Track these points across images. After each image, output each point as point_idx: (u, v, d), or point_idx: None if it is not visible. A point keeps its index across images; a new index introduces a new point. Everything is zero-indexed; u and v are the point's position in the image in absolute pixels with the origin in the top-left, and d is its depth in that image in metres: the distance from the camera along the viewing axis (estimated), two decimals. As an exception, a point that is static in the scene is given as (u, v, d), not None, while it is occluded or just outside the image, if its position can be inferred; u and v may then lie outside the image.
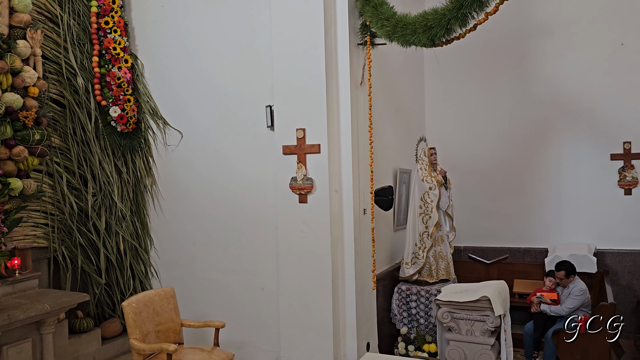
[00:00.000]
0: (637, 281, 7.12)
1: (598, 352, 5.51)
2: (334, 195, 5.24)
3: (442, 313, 4.32)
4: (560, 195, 7.53)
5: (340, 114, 5.27)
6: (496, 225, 7.88)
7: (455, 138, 8.00)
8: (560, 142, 7.51)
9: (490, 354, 4.17)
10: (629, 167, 7.18)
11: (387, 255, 6.53)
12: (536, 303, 6.04)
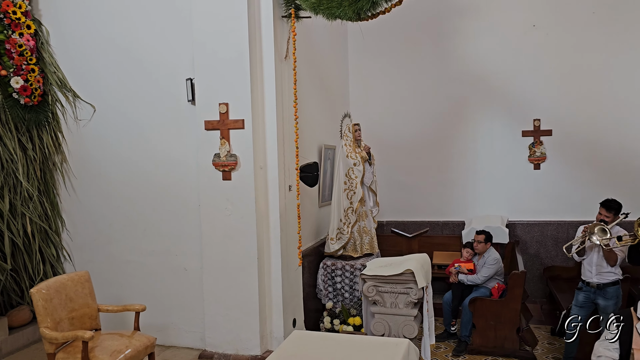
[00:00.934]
0: (544, 250, 7.63)
1: (509, 317, 5.87)
2: (259, 171, 5.14)
3: (368, 287, 4.38)
4: (476, 170, 7.88)
5: (264, 88, 5.14)
6: (417, 200, 8.12)
7: (378, 114, 8.10)
8: (476, 119, 7.81)
9: (413, 324, 4.30)
10: (538, 143, 7.61)
11: (312, 231, 6.54)
12: (454, 273, 6.31)
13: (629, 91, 7.18)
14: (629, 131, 7.20)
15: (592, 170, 7.36)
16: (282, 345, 3.11)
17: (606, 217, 5.08)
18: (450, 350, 6.09)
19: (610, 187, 6.96)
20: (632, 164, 7.20)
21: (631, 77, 7.17)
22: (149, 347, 4.43)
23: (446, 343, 6.30)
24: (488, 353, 5.91)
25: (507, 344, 5.88)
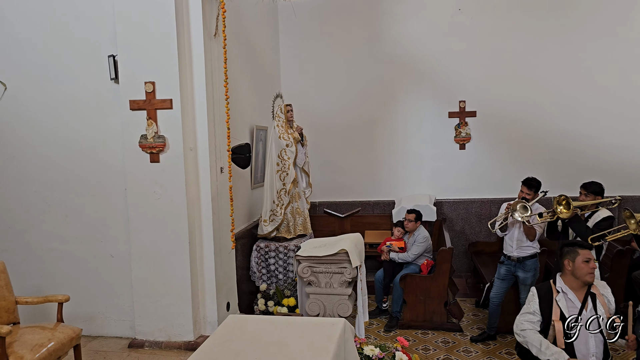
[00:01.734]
0: (469, 227, 7.98)
1: (438, 292, 6.11)
2: (189, 153, 4.97)
3: (302, 268, 4.38)
4: (406, 151, 8.07)
5: (193, 66, 4.95)
6: (349, 180, 8.22)
7: (310, 95, 8.07)
8: (405, 100, 7.97)
9: (347, 303, 4.36)
10: (463, 124, 7.90)
11: (245, 213, 6.46)
12: (386, 252, 6.47)
13: (548, 74, 7.58)
14: (548, 112, 7.62)
15: (513, 150, 7.75)
16: (217, 331, 3.04)
17: (527, 195, 5.37)
18: (382, 326, 6.26)
19: (530, 166, 7.36)
20: (550, 144, 7.64)
21: (551, 60, 7.56)
22: (74, 338, 4.22)
23: (378, 319, 6.47)
24: (418, 327, 6.14)
25: (435, 317, 6.12)
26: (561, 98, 7.58)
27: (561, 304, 3.38)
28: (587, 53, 7.47)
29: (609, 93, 7.48)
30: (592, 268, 3.35)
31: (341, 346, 2.85)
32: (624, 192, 7.42)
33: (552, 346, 3.26)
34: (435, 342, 5.80)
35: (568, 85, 7.56)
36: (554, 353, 3.22)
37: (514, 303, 5.73)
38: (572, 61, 7.52)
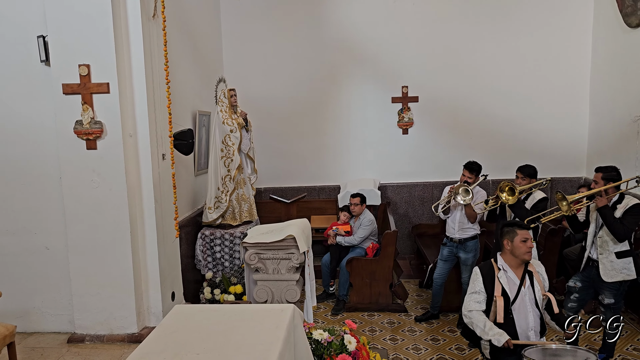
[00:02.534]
0: (412, 210, 8.17)
1: (383, 274, 6.23)
2: (128, 139, 4.78)
3: (250, 255, 4.35)
4: (350, 136, 8.12)
5: (131, 49, 4.74)
6: (294, 166, 8.19)
7: (254, 80, 7.94)
8: (350, 85, 8.00)
9: (295, 288, 4.37)
10: (406, 109, 8.02)
11: (189, 201, 6.31)
12: (332, 236, 6.52)
13: (485, 60, 7.80)
14: (485, 98, 7.86)
15: (454, 134, 7.96)
16: (163, 322, 2.96)
17: (469, 179, 5.54)
18: (329, 309, 6.33)
19: (470, 149, 7.59)
20: (487, 128, 7.89)
21: (487, 47, 7.78)
22: (7, 336, 4.00)
23: (325, 303, 6.53)
24: (364, 309, 6.24)
25: (381, 299, 6.25)
26: (497, 84, 7.83)
27: (502, 281, 3.53)
28: (520, 41, 7.73)
29: (541, 79, 7.79)
30: (529, 247, 3.50)
31: (291, 332, 2.85)
32: (554, 174, 7.80)
33: (495, 327, 3.40)
34: (381, 323, 5.92)
35: (503, 71, 7.81)
36: (496, 334, 3.36)
37: (456, 283, 5.93)
38: (507, 48, 7.77)
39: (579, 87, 7.77)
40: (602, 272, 4.38)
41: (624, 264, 4.35)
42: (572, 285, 4.60)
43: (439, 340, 5.48)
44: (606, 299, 4.41)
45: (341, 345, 3.56)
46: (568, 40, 7.69)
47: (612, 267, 4.36)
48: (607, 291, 4.40)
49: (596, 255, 4.42)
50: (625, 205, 4.34)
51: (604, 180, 4.39)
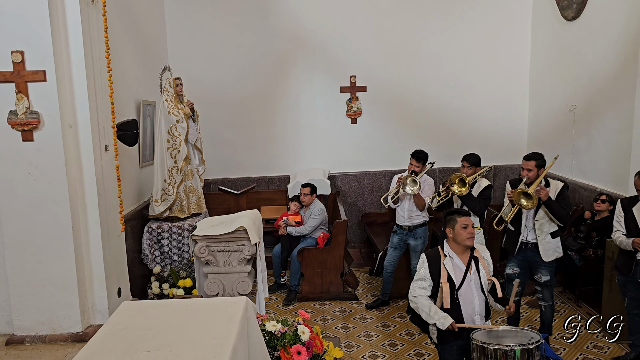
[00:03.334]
0: (361, 199, 8.25)
1: (334, 263, 6.28)
2: (68, 130, 4.56)
3: (199, 248, 4.26)
4: (300, 125, 8.09)
5: (69, 35, 4.50)
6: (243, 156, 8.09)
7: (201, 68, 7.76)
8: (298, 75, 7.96)
9: (247, 280, 4.32)
10: (354, 99, 8.07)
11: (134, 193, 6.11)
12: (283, 226, 6.49)
13: (431, 51, 7.95)
14: (431, 87, 8.02)
15: (401, 124, 8.08)
16: (110, 320, 2.86)
17: (416, 167, 5.64)
18: (281, 300, 6.32)
19: (417, 138, 7.72)
20: (434, 117, 8.07)
21: (433, 38, 7.93)
22: (-62, 341, 3.74)
23: (277, 294, 6.51)
24: (316, 299, 6.27)
25: (332, 288, 6.30)
26: (443, 74, 8.01)
27: (448, 267, 3.61)
28: (465, 32, 7.92)
29: (484, 70, 8.02)
30: (469, 233, 3.58)
31: (244, 325, 2.81)
32: (497, 162, 8.09)
33: (440, 311, 3.48)
34: (332, 312, 5.97)
35: (449, 62, 7.99)
36: (441, 317, 3.44)
37: (405, 270, 6.05)
38: (452, 39, 7.94)
39: (519, 77, 8.07)
40: (543, 253, 4.62)
41: (556, 244, 4.67)
42: (511, 273, 4.80)
43: (390, 326, 5.58)
44: (543, 277, 4.68)
45: (295, 336, 3.56)
46: (509, 32, 7.95)
47: (549, 248, 4.64)
48: (544, 269, 4.67)
49: (533, 238, 4.65)
50: (555, 189, 4.63)
51: (537, 168, 4.59)
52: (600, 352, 4.91)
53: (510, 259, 4.84)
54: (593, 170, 6.37)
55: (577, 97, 6.69)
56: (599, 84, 6.23)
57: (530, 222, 4.66)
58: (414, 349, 5.07)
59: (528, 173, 4.58)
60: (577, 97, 6.70)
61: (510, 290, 4.78)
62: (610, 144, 6.10)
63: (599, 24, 6.21)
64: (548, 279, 4.71)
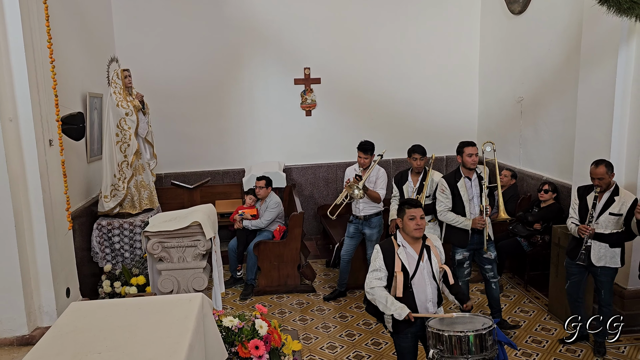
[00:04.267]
0: (317, 191, 8.26)
1: (291, 256, 6.27)
2: (9, 124, 4.32)
3: (152, 244, 4.14)
4: (254, 118, 8.00)
5: (7, 24, 4.25)
6: (196, 150, 7.93)
7: (150, 59, 7.53)
8: (252, 67, 7.86)
9: (202, 276, 4.24)
10: (309, 91, 8.05)
11: (82, 190, 5.89)
12: (239, 220, 6.42)
13: (383, 43, 8.01)
14: (384, 80, 8.09)
15: (355, 116, 8.12)
16: (58, 321, 2.74)
17: (364, 159, 5.69)
18: (238, 295, 6.26)
19: (371, 130, 7.77)
20: (389, 109, 8.14)
21: (385, 30, 7.98)
22: None
23: (233, 289, 6.45)
24: (273, 292, 6.25)
25: (289, 281, 6.29)
26: (396, 66, 8.09)
27: (402, 257, 3.66)
28: (417, 25, 8.03)
29: (435, 62, 8.16)
30: (417, 224, 3.64)
31: (200, 322, 2.76)
32: (449, 152, 8.26)
33: (396, 302, 3.53)
34: (290, 305, 5.96)
35: (402, 54, 8.08)
36: (397, 308, 3.49)
37: (361, 260, 6.11)
38: (404, 32, 8.03)
39: (470, 70, 8.25)
40: (491, 233, 4.96)
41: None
42: (461, 258, 4.98)
43: (347, 317, 5.63)
44: (492, 254, 4.99)
45: (252, 331, 3.52)
46: (459, 26, 8.11)
47: (492, 229, 4.98)
48: (491, 246, 5.00)
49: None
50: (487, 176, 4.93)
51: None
52: (548, 334, 5.12)
53: (457, 247, 5.03)
54: (539, 159, 6.60)
55: (524, 89, 6.91)
56: (545, 76, 6.45)
57: (476, 209, 4.89)
58: (372, 339, 5.14)
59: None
60: (524, 89, 6.92)
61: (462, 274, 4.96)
62: (555, 134, 6.33)
63: (543, 18, 6.42)
64: (496, 254, 5.04)
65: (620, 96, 4.94)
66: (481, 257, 5.00)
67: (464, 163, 4.92)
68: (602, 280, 4.56)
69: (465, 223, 4.86)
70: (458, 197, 4.89)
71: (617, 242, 4.46)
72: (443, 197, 4.96)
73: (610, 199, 4.48)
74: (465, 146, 4.93)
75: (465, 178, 4.92)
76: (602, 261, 4.48)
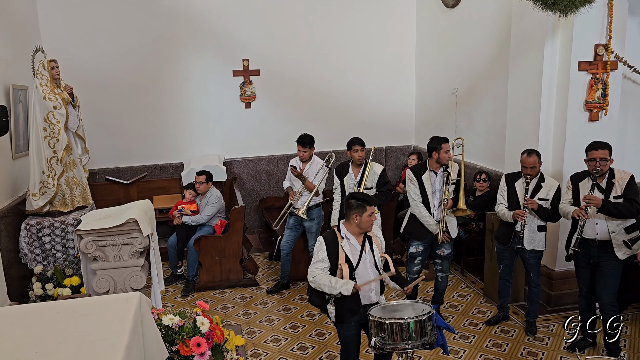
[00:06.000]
0: (258, 184, 8.19)
1: (233, 250, 6.19)
2: None
3: (86, 243, 3.96)
4: (192, 111, 7.81)
5: None
6: (132, 144, 7.65)
7: (80, 50, 7.17)
8: (188, 58, 7.65)
9: (140, 274, 4.11)
10: (248, 83, 7.94)
11: (7, 188, 5.55)
12: (178, 216, 6.27)
13: (322, 35, 8.01)
14: (325, 71, 8.09)
15: (295, 108, 8.09)
16: (-18, 329, 2.57)
17: (304, 152, 5.71)
18: (179, 292, 6.13)
19: (311, 122, 7.79)
20: (328, 101, 8.15)
21: (323, 22, 7.98)
22: None
23: (174, 286, 6.31)
24: (215, 287, 6.16)
25: (232, 275, 6.22)
26: (335, 58, 8.11)
27: (346, 249, 3.69)
28: (355, 17, 8.06)
29: (373, 55, 8.24)
30: (373, 220, 3.71)
31: (138, 322, 2.67)
32: (388, 144, 8.43)
33: (340, 280, 3.56)
34: (233, 300, 5.90)
35: (340, 46, 8.11)
36: (343, 284, 3.52)
37: (303, 252, 6.13)
38: (342, 24, 8.05)
39: (407, 62, 8.40)
40: (452, 231, 5.00)
41: (457, 221, 5.10)
42: (415, 252, 5.06)
43: (291, 309, 5.64)
44: (446, 251, 5.06)
45: (194, 328, 3.45)
46: (396, 19, 8.23)
47: (452, 225, 5.02)
48: (447, 245, 5.04)
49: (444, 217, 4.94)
50: (456, 172, 4.99)
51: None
52: (483, 316, 5.34)
53: (413, 239, 5.10)
54: (474, 148, 6.84)
55: (459, 81, 7.12)
56: (478, 69, 6.68)
57: (437, 202, 4.95)
58: (315, 330, 5.17)
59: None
60: (458, 81, 7.13)
61: (411, 269, 5.07)
62: (488, 124, 6.57)
63: (475, 12, 6.63)
64: (450, 252, 5.10)
65: (547, 87, 5.20)
66: (435, 252, 5.11)
67: (440, 159, 4.87)
68: (531, 262, 4.81)
69: (432, 228, 4.92)
70: (422, 189, 4.94)
71: (551, 218, 4.69)
72: (412, 187, 4.98)
73: (537, 186, 4.71)
74: (443, 142, 4.85)
75: (431, 172, 4.95)
76: (531, 245, 4.72)
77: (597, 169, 4.19)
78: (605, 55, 5.03)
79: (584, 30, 4.95)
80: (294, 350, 4.80)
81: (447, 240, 4.93)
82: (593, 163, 4.22)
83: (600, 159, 4.18)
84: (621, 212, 4.15)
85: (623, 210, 4.15)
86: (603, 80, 5.08)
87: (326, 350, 4.78)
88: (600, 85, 5.07)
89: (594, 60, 5.04)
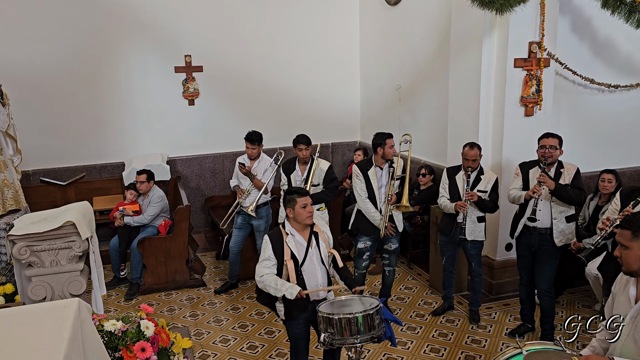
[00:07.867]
0: (204, 182, 8.04)
1: (179, 251, 6.06)
2: None
3: (19, 249, 3.75)
4: (133, 108, 7.56)
5: None
6: (68, 143, 7.32)
7: (7, 44, 6.78)
8: (128, 54, 7.39)
9: (80, 279, 3.93)
10: (191, 79, 7.76)
11: None
12: (119, 217, 6.06)
13: (267, 31, 7.92)
14: (270, 67, 8.02)
15: (240, 105, 7.99)
16: None
17: (252, 149, 5.66)
18: (122, 295, 5.93)
19: (256, 119, 7.69)
20: (274, 98, 8.09)
21: (270, 17, 7.90)
22: None
23: (117, 289, 6.10)
24: (161, 289, 6.01)
25: (178, 276, 6.09)
26: (280, 55, 8.06)
27: (291, 245, 3.69)
28: (299, 14, 8.03)
29: (318, 51, 8.25)
30: (309, 212, 3.70)
31: (77, 329, 2.55)
32: (334, 140, 8.47)
33: (286, 283, 3.57)
34: (180, 301, 5.77)
35: (285, 42, 8.06)
36: (288, 288, 3.52)
37: (252, 251, 6.08)
38: (287, 20, 8.00)
39: (351, 58, 8.47)
40: (398, 225, 5.07)
41: (402, 215, 5.18)
42: (362, 247, 5.10)
43: (240, 308, 5.58)
44: (393, 246, 5.13)
45: (138, 332, 3.34)
46: (340, 15, 8.26)
47: (399, 219, 5.10)
48: (394, 239, 5.12)
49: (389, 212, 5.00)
50: (401, 167, 5.09)
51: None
52: (429, 307, 5.47)
53: (360, 235, 5.13)
54: (418, 143, 6.96)
55: (402, 77, 7.24)
56: (420, 65, 6.81)
57: (383, 197, 5.01)
58: (265, 328, 5.14)
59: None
60: (401, 77, 7.25)
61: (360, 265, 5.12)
62: (430, 119, 6.73)
63: (417, 9, 6.75)
64: (397, 246, 5.17)
65: (485, 83, 5.37)
66: (382, 247, 5.18)
67: (385, 155, 4.92)
68: (472, 253, 4.97)
69: (378, 223, 4.97)
70: (368, 185, 4.98)
71: (490, 209, 4.87)
72: (358, 182, 5.01)
73: (477, 178, 4.87)
74: (387, 138, 4.90)
75: (377, 167, 5.00)
76: (472, 235, 4.87)
77: (546, 156, 4.40)
78: (539, 53, 5.25)
79: (518, 28, 5.14)
80: (244, 350, 4.75)
81: (391, 234, 5.01)
82: (543, 150, 4.45)
83: (550, 146, 4.41)
84: (571, 197, 4.38)
85: (573, 195, 4.39)
86: (537, 76, 5.30)
87: (276, 348, 4.76)
88: (535, 82, 5.29)
89: (529, 58, 5.25)
